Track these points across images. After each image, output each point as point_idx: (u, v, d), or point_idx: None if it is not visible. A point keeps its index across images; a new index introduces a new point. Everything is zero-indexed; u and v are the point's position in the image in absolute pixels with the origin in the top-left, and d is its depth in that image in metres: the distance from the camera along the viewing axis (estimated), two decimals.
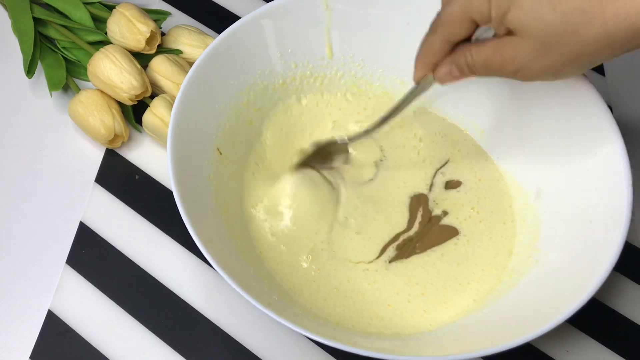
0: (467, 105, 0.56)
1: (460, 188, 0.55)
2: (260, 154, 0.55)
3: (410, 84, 0.56)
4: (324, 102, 0.57)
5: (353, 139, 0.53)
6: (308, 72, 0.56)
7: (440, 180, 0.55)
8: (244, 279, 0.44)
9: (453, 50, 0.43)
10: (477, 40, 0.42)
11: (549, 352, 0.49)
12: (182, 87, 0.48)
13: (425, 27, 0.53)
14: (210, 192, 0.49)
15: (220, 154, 0.51)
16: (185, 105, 0.48)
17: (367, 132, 0.52)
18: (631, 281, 0.52)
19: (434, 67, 0.44)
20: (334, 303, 0.49)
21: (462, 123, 0.57)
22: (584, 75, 0.48)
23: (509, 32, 0.39)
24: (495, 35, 0.41)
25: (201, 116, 0.50)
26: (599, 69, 0.64)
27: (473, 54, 0.41)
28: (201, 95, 0.50)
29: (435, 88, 0.47)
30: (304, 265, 0.50)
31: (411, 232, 0.53)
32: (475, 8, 0.39)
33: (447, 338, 0.46)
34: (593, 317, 0.41)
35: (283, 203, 0.52)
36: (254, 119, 0.54)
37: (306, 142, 0.56)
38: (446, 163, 0.56)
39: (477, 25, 0.41)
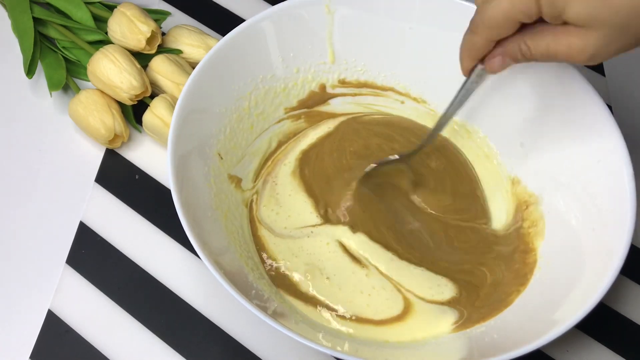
0: (470, 109, 0.56)
1: None
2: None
3: (413, 87, 0.57)
4: None
5: (407, 154, 0.51)
6: (310, 77, 0.56)
7: None
8: (243, 285, 0.44)
9: (499, 43, 0.40)
10: (530, 30, 0.38)
11: (549, 351, 0.49)
12: (182, 91, 0.48)
13: (427, 31, 0.53)
14: (210, 198, 0.49)
15: (222, 158, 0.51)
16: (186, 110, 0.48)
17: (422, 146, 0.50)
18: (630, 280, 0.52)
19: (482, 59, 0.42)
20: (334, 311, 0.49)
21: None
22: (583, 76, 0.48)
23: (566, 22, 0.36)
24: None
25: (202, 121, 0.50)
26: (599, 69, 0.64)
27: (530, 46, 0.39)
28: (202, 99, 0.50)
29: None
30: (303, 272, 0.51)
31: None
32: (518, 10, 0.36)
33: (450, 347, 0.46)
34: (592, 317, 0.41)
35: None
36: (255, 123, 0.54)
37: None
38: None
39: (522, 24, 0.38)
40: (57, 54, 0.61)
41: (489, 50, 0.41)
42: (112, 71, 0.55)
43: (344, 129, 0.57)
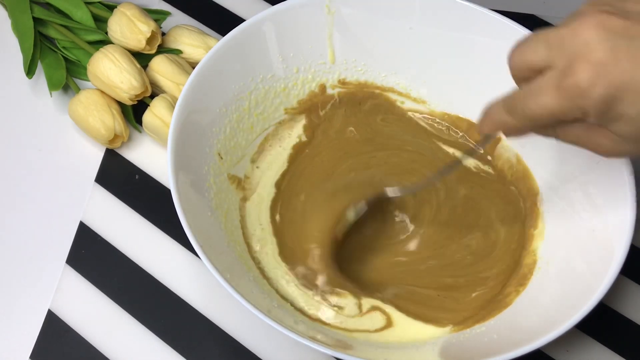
0: (468, 105, 0.56)
1: None
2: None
3: (413, 87, 0.57)
4: None
5: (408, 190, 0.51)
6: (310, 77, 0.56)
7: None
8: (243, 285, 0.44)
9: None
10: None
11: (549, 351, 0.49)
12: (182, 91, 0.48)
13: (427, 31, 0.53)
14: (210, 198, 0.49)
15: (222, 158, 0.51)
16: (186, 110, 0.48)
17: (426, 183, 0.50)
18: (630, 280, 0.52)
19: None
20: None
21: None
22: None
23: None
24: None
25: (202, 121, 0.50)
26: None
27: (558, 133, 0.38)
28: (202, 99, 0.50)
29: None
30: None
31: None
32: (564, 113, 0.35)
33: (450, 347, 0.46)
34: (592, 317, 0.41)
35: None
36: (255, 123, 0.54)
37: None
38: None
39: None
40: (57, 54, 0.61)
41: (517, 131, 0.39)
42: (112, 71, 0.55)
43: None
